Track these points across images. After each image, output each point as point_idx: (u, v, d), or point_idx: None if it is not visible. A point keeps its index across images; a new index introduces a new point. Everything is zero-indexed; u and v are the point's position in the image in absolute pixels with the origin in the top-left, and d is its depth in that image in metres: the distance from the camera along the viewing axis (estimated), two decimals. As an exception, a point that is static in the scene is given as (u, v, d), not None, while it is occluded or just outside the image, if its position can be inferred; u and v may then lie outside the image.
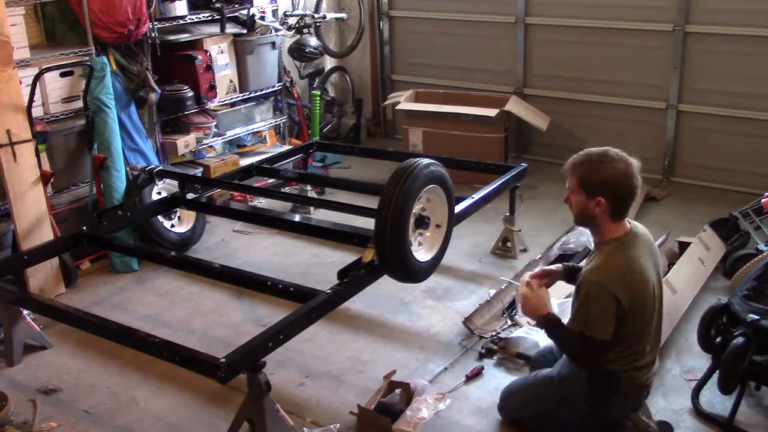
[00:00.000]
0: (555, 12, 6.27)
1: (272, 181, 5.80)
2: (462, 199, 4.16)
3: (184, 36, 5.35)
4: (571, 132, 6.43)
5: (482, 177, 4.97)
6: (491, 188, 4.44)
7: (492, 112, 5.96)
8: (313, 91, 6.19)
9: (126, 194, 4.61)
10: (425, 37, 7.07)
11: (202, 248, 5.07)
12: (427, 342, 3.88)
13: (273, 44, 6.04)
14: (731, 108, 5.68)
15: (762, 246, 4.28)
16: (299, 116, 6.67)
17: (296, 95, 6.60)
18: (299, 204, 5.49)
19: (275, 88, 6.20)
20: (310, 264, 4.81)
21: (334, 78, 7.43)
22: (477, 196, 4.30)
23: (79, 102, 4.71)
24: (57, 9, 4.78)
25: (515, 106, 6.13)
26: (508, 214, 4.79)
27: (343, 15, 7.08)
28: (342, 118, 7.40)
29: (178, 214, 4.98)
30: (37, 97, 4.43)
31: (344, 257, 4.49)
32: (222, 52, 5.63)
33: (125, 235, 4.70)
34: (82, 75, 4.71)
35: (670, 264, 4.26)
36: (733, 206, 4.82)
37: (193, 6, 5.41)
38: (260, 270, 4.18)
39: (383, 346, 3.85)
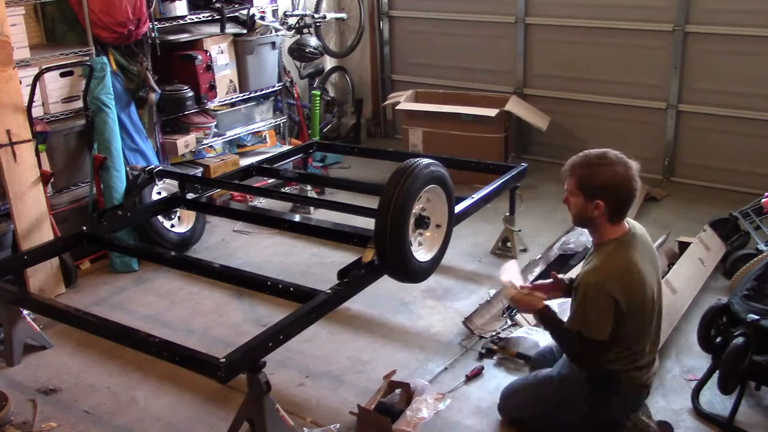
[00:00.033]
0: (555, 12, 6.26)
1: (272, 181, 5.80)
2: (462, 199, 4.16)
3: (184, 36, 5.35)
4: (571, 132, 6.43)
5: (482, 177, 4.97)
6: (491, 188, 4.44)
7: (492, 112, 5.96)
8: (313, 91, 6.19)
9: (126, 194, 4.61)
10: (425, 37, 7.06)
11: (202, 248, 5.07)
12: (427, 342, 3.88)
13: (273, 44, 6.04)
14: (731, 108, 5.68)
15: (762, 246, 4.28)
16: (299, 116, 6.67)
17: (296, 95, 6.60)
18: (299, 204, 5.48)
19: (275, 88, 6.20)
20: (310, 264, 4.81)
21: (334, 78, 7.43)
22: (477, 196, 4.30)
23: (79, 102, 4.71)
24: (57, 9, 4.78)
25: (515, 106, 6.13)
26: (508, 214, 4.79)
27: (343, 15, 7.08)
28: (342, 118, 7.40)
29: (178, 214, 4.98)
30: (37, 97, 4.43)
31: (344, 257, 4.49)
32: (222, 52, 5.63)
33: (125, 235, 4.70)
34: (82, 75, 4.71)
35: (670, 264, 4.26)
36: (733, 206, 4.82)
37: (193, 6, 5.41)
38: (260, 270, 4.18)
39: (383, 346, 3.86)
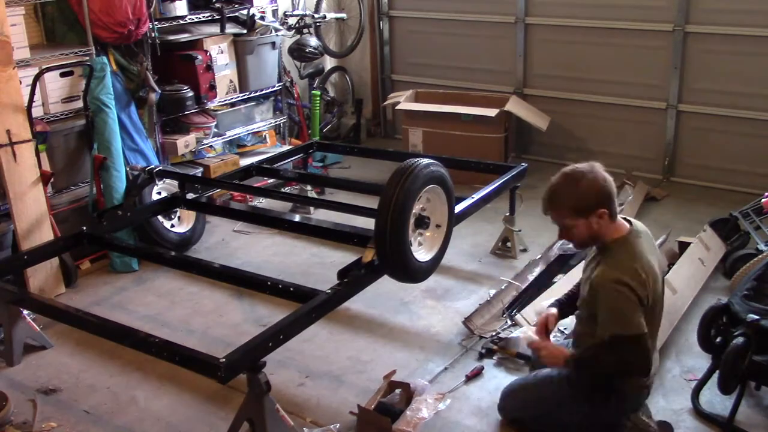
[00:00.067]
0: (555, 12, 6.26)
1: (272, 181, 5.80)
2: (462, 199, 4.16)
3: (184, 36, 5.35)
4: (571, 132, 6.43)
5: (482, 177, 4.97)
6: (491, 188, 4.44)
7: (492, 112, 5.96)
8: (313, 91, 6.19)
9: (126, 194, 4.61)
10: (425, 37, 7.06)
11: (202, 248, 5.07)
12: (427, 342, 3.88)
13: (273, 44, 6.04)
14: (731, 108, 5.68)
15: (762, 246, 4.27)
16: (299, 116, 6.67)
17: (296, 95, 6.60)
18: (299, 204, 5.48)
19: (275, 88, 6.20)
20: (310, 264, 4.81)
21: (334, 78, 7.43)
22: (477, 196, 4.30)
23: (79, 102, 4.71)
24: (57, 9, 4.78)
25: (515, 106, 6.13)
26: (508, 214, 4.79)
27: (343, 15, 7.08)
28: (342, 118, 7.39)
29: (178, 214, 4.98)
30: (37, 97, 4.43)
31: (344, 257, 4.49)
32: (222, 52, 5.63)
33: (125, 235, 4.69)
34: (82, 75, 4.71)
35: (670, 264, 4.26)
36: (733, 206, 4.82)
37: (193, 6, 5.41)
38: (260, 270, 4.17)
39: (383, 346, 3.85)
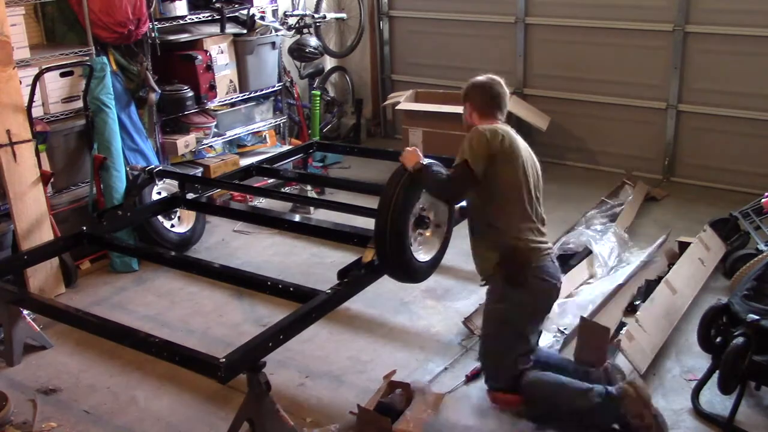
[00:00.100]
0: (555, 12, 6.26)
1: (272, 181, 5.80)
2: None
3: (184, 36, 5.35)
4: (571, 132, 6.43)
5: (482, 177, 4.95)
6: (491, 188, 4.43)
7: (492, 112, 5.95)
8: (313, 91, 6.19)
9: (126, 194, 4.62)
10: (425, 37, 7.06)
11: (202, 248, 5.07)
12: (427, 342, 3.88)
13: (273, 44, 6.04)
14: (731, 108, 5.68)
15: (762, 246, 4.27)
16: (299, 116, 6.67)
17: (296, 95, 6.60)
18: (299, 204, 5.48)
19: (275, 88, 6.20)
20: (310, 264, 4.81)
21: (334, 78, 7.43)
22: (477, 196, 4.29)
23: (79, 102, 4.71)
24: (57, 9, 4.79)
25: (515, 106, 6.11)
26: (508, 214, 4.78)
27: (343, 15, 7.08)
28: (342, 118, 7.40)
29: (178, 214, 4.98)
30: (37, 97, 4.43)
31: (344, 257, 4.49)
32: (222, 52, 5.64)
33: (125, 235, 4.70)
34: (82, 75, 4.72)
35: (670, 264, 4.26)
36: (733, 206, 4.82)
37: (193, 6, 5.41)
38: (260, 270, 4.17)
39: (383, 346, 3.85)
